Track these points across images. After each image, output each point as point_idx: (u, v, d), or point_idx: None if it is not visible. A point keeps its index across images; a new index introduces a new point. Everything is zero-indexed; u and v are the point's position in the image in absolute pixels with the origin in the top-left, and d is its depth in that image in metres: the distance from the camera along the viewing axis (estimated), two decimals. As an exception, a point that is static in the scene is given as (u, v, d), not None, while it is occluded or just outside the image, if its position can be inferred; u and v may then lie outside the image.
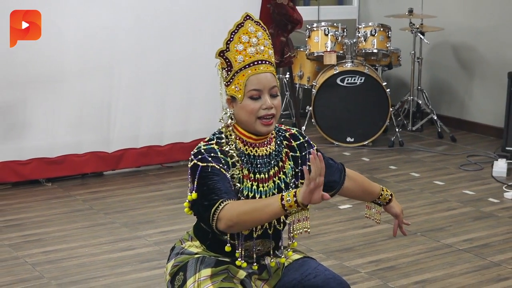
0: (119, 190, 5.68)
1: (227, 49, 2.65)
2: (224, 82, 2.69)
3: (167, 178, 5.96)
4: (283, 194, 2.44)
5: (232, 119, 2.70)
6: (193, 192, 2.60)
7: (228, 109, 2.71)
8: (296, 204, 2.41)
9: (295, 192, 2.42)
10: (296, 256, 2.88)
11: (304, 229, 2.50)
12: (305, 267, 2.83)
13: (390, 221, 3.11)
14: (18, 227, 4.90)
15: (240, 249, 2.68)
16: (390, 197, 3.04)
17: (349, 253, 4.50)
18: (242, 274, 2.71)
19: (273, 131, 2.75)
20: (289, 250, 2.86)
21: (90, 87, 5.78)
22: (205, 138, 2.71)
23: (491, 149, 6.86)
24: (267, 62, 2.66)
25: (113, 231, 4.84)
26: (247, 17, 2.67)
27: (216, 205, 2.51)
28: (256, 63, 2.64)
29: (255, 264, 2.73)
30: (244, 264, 2.69)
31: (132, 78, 5.92)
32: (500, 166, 6.15)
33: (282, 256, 2.84)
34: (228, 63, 2.66)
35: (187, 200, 2.65)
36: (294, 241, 2.80)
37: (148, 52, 5.92)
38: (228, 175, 2.62)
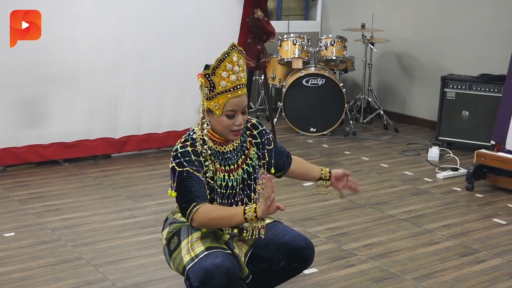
0: (124, 169, 5.66)
1: (213, 74, 2.62)
2: (205, 97, 2.66)
3: (163, 160, 5.95)
4: (245, 208, 2.49)
5: (207, 125, 2.69)
6: (173, 191, 2.64)
7: (204, 116, 2.69)
8: (256, 218, 2.49)
9: (255, 208, 2.48)
10: (268, 221, 2.92)
11: (261, 235, 2.59)
12: (275, 228, 2.88)
13: (344, 196, 3.07)
14: (40, 198, 4.88)
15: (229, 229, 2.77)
16: (329, 173, 2.96)
17: (310, 222, 4.53)
18: (226, 236, 2.75)
19: None
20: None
21: (100, 85, 5.74)
22: (181, 139, 2.69)
23: (427, 138, 6.91)
24: (243, 86, 2.66)
25: (118, 202, 4.84)
26: (233, 47, 2.64)
27: (190, 208, 2.56)
28: (235, 88, 2.63)
29: (235, 228, 2.78)
30: (227, 234, 2.76)
31: (135, 77, 5.89)
32: (433, 152, 6.20)
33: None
34: (212, 85, 2.62)
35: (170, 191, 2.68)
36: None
37: (148, 56, 5.90)
38: (201, 176, 2.62)
